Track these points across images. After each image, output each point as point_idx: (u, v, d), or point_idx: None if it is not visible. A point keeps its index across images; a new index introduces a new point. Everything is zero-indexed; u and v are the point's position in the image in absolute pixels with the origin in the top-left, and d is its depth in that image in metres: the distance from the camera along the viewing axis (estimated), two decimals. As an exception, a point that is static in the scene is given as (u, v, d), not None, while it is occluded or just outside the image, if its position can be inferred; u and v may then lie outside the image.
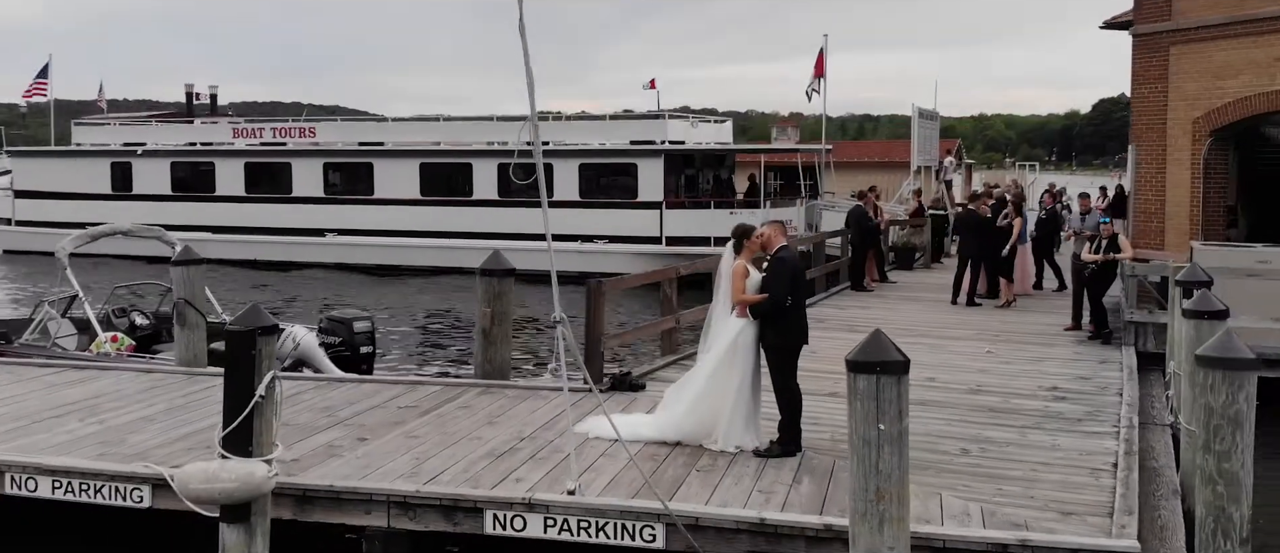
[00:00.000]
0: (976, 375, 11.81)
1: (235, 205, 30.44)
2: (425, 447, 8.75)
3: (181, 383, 11.27)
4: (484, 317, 11.61)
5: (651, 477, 7.72)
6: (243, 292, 25.65)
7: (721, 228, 26.14)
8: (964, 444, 8.93)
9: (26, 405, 10.16)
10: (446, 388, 11.11)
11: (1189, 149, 17.27)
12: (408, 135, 30.06)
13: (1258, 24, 16.15)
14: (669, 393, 9.31)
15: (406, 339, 21.23)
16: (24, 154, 35.21)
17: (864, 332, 13.38)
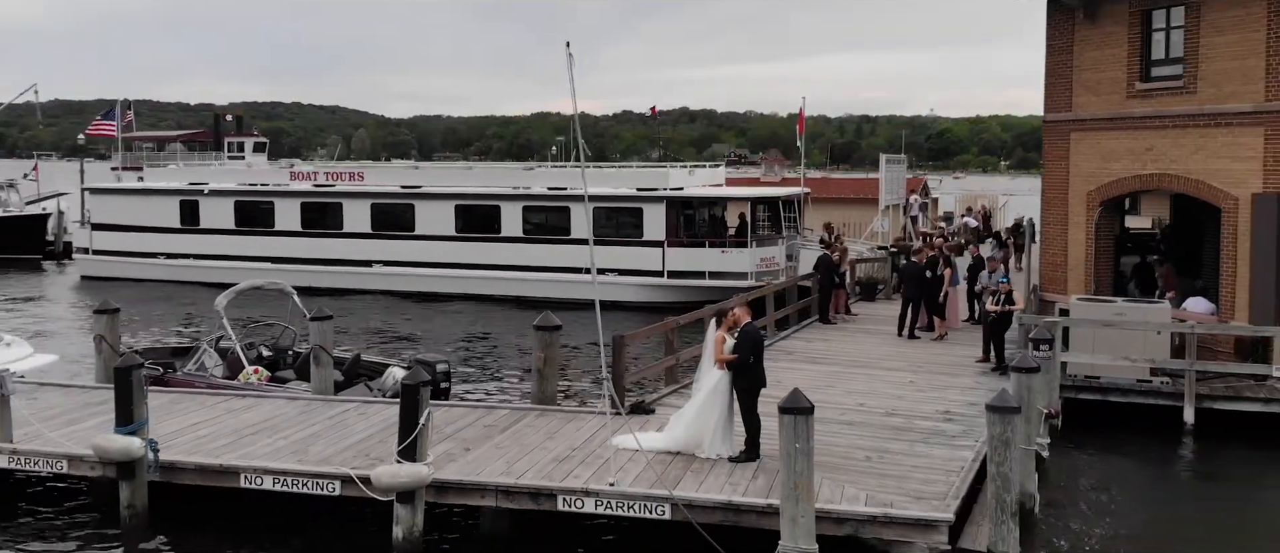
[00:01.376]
0: (893, 401, 16.24)
1: (292, 239, 34.94)
2: (510, 454, 13.17)
3: (323, 408, 15.67)
4: (538, 359, 16.01)
5: (661, 474, 12.13)
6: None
7: (715, 263, 30.70)
8: (868, 453, 13.35)
9: (226, 425, 14.55)
10: (513, 412, 15.53)
11: (1085, 215, 21.70)
12: (444, 180, 34.61)
13: (1132, 121, 20.58)
14: (672, 419, 13.69)
15: (455, 362, 25.61)
16: (100, 191, 39.64)
17: (824, 363, 18.33)
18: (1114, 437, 17.36)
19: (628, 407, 15.00)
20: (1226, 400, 17.56)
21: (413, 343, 27.05)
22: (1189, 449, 17.11)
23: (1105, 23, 20.98)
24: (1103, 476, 15.79)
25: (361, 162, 78.86)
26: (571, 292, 31.05)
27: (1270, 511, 14.87)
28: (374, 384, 17.43)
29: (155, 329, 29.34)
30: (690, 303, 27.87)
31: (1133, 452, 16.94)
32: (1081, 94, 21.66)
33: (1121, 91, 20.78)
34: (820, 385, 16.55)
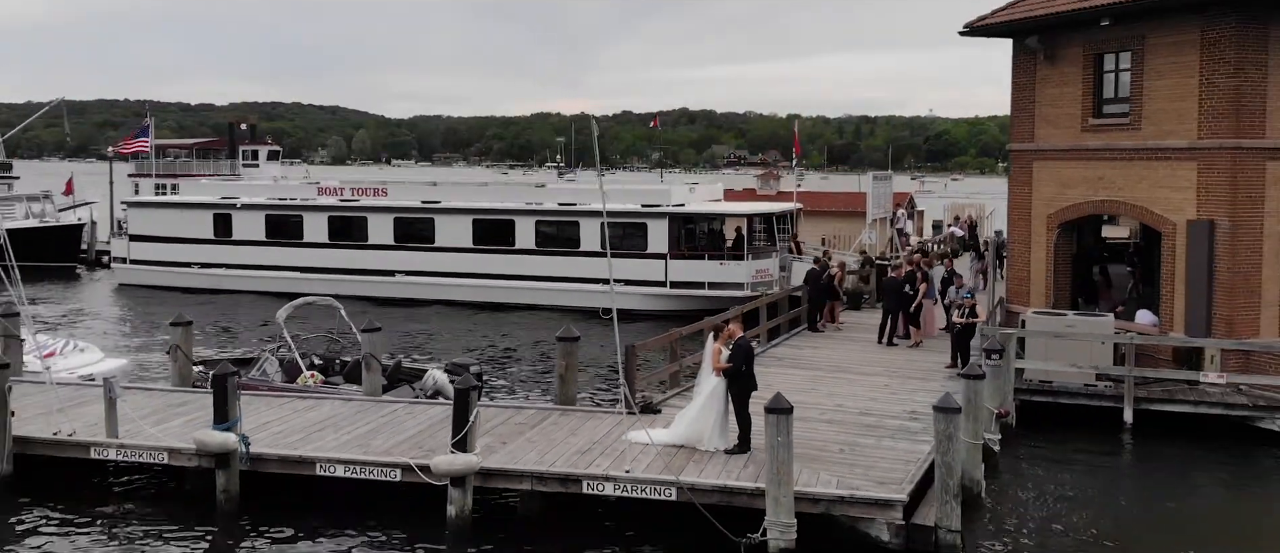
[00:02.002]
0: (867, 402, 18.70)
1: (319, 250, 37.40)
2: (540, 446, 15.62)
3: (375, 408, 18.11)
4: (560, 366, 18.45)
5: (668, 463, 14.58)
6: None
7: (713, 274, 33.19)
8: (841, 446, 15.81)
9: (294, 423, 16.98)
10: (539, 411, 17.99)
11: (1045, 235, 24.16)
12: (462, 196, 37.09)
13: (1086, 152, 23.04)
14: (676, 417, 16.12)
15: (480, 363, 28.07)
16: (138, 205, 42.08)
17: (809, 368, 20.91)
18: (1063, 434, 19.83)
19: (638, 407, 17.44)
20: (1161, 403, 20.04)
21: (437, 348, 29.50)
22: (1127, 445, 19.58)
23: (1063, 64, 23.45)
24: (1050, 467, 18.28)
25: (384, 178, 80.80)
26: (580, 300, 33.58)
27: (1196, 498, 17.30)
28: (415, 386, 19.88)
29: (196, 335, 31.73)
30: (691, 311, 30.42)
31: (1078, 447, 19.39)
32: (1042, 126, 24.13)
33: (1077, 125, 23.25)
34: (804, 388, 19.02)
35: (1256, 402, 19.68)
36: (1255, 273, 20.61)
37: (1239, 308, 20.61)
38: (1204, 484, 17.87)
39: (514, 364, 27.66)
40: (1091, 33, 22.55)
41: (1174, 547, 14.92)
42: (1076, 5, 22.52)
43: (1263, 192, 20.51)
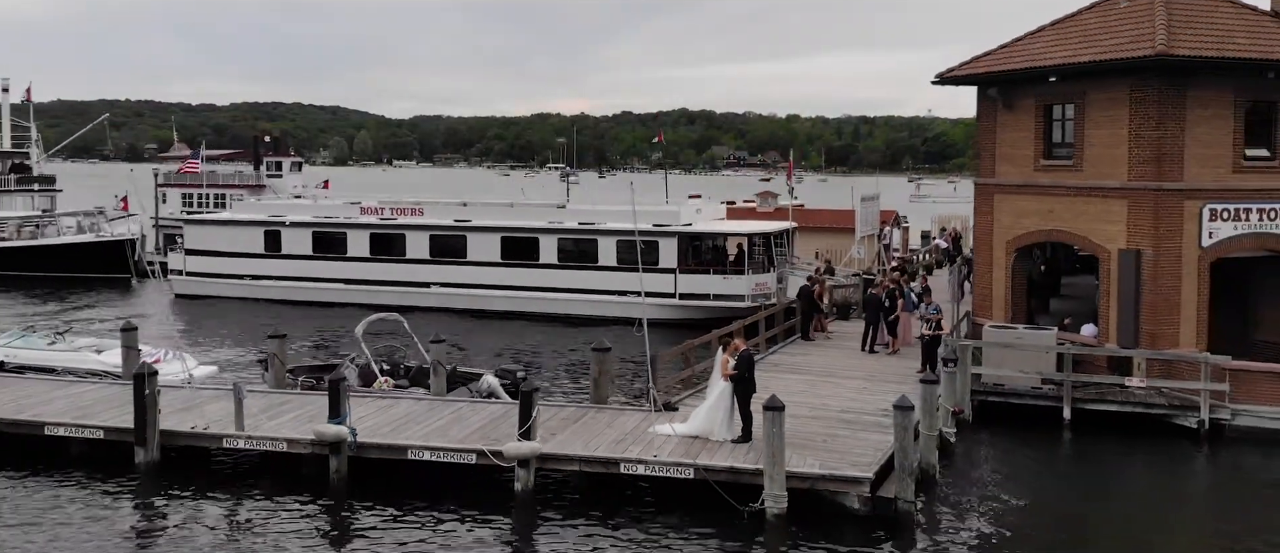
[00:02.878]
0: (849, 401, 22.62)
1: (361, 264, 41.34)
2: (584, 436, 19.52)
3: (443, 406, 22.00)
4: (595, 372, 22.35)
5: (687, 449, 18.50)
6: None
7: (717, 287, 37.12)
8: (825, 437, 19.72)
9: (379, 419, 20.80)
10: (578, 408, 21.90)
11: (1005, 259, 28.09)
12: (491, 216, 41.04)
13: (1038, 188, 26.95)
14: (692, 414, 19.98)
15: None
16: (193, 222, 46.01)
17: (801, 373, 25.13)
18: (1011, 428, 23.73)
19: (661, 406, 21.37)
20: (1095, 403, 23.96)
21: (474, 354, 33.40)
22: (1065, 438, 23.49)
23: (1019, 112, 27.38)
24: (998, 454, 22.23)
25: (387, 179, 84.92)
26: (597, 309, 37.59)
27: (1120, 480, 21.18)
28: (472, 388, 23.77)
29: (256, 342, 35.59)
30: (697, 320, 34.39)
31: (1023, 439, 23.29)
32: (1002, 164, 28.08)
33: (1030, 165, 27.18)
34: (796, 390, 22.92)
35: (1173, 402, 23.61)
36: (1175, 294, 24.54)
37: (1161, 324, 24.55)
38: (1128, 469, 21.82)
39: (544, 368, 31.55)
40: (1041, 87, 26.49)
41: (1099, 518, 18.87)
42: (1029, 64, 26.51)
43: (1181, 226, 24.44)
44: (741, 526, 17.20)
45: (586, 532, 17.25)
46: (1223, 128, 24.60)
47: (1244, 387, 23.20)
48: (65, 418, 20.86)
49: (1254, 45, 24.70)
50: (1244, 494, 20.85)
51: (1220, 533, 18.64)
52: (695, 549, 16.60)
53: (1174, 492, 21.18)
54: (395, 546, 16.74)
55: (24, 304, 44.65)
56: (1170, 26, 24.27)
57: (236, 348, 34.32)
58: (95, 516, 18.06)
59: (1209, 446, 22.90)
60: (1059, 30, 27.54)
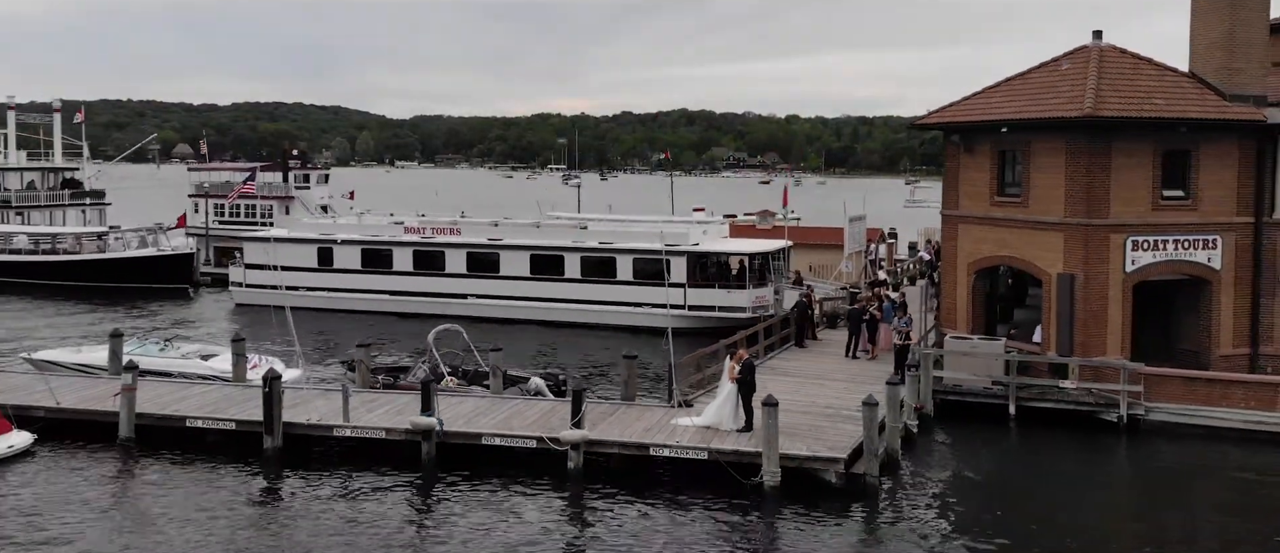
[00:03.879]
0: (832, 399, 27.72)
1: (406, 277, 46.45)
2: (619, 426, 24.62)
3: (502, 403, 27.09)
4: (624, 375, 27.46)
5: (702, 436, 23.63)
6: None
7: (722, 300, 42.19)
8: (811, 427, 24.83)
9: (453, 412, 25.85)
10: (611, 404, 26.99)
11: (966, 279, 33.19)
12: (520, 235, 46.15)
13: (992, 220, 32.04)
14: (706, 408, 25.08)
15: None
16: (254, 239, 51.10)
17: (794, 376, 30.94)
18: (966, 421, 28.83)
19: (680, 403, 26.49)
20: (1036, 401, 29.06)
21: (512, 357, 38.47)
22: (1011, 429, 28.60)
23: (978, 155, 32.50)
24: (953, 443, 27.34)
25: (393, 181, 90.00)
26: (616, 318, 42.69)
27: (1053, 465, 26.22)
28: (522, 388, 28.85)
29: (318, 347, 40.65)
30: (705, 329, 39.45)
31: (975, 430, 28.37)
32: (964, 198, 33.20)
33: (986, 200, 32.30)
34: (789, 390, 27.96)
35: (1099, 401, 28.71)
36: (1102, 312, 29.66)
37: (1091, 335, 29.66)
38: (1061, 456, 26.92)
39: (571, 370, 36.66)
40: (996, 136, 31.61)
41: (1035, 494, 24.01)
42: (985, 117, 31.67)
43: (1107, 255, 29.55)
44: (744, 496, 22.32)
45: (624, 501, 22.35)
46: (1143, 173, 29.72)
47: (1155, 388, 28.33)
48: (201, 413, 25.98)
49: (1170, 104, 29.83)
50: (1152, 477, 25.95)
51: (1132, 506, 23.87)
52: (708, 515, 21.71)
53: (1097, 474, 26.22)
54: (477, 511, 21.83)
55: (95, 312, 49.71)
56: (1098, 90, 29.37)
57: (297, 349, 39.31)
58: (235, 490, 23.15)
59: (1127, 437, 27.99)
60: (1011, 87, 32.69)
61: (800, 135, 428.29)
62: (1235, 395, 27.93)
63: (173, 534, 20.51)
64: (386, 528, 20.99)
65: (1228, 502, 23.80)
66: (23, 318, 48.24)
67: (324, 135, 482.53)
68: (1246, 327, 31.08)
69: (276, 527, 21.09)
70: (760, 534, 20.87)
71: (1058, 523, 21.96)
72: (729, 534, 20.73)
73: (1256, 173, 30.72)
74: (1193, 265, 30.47)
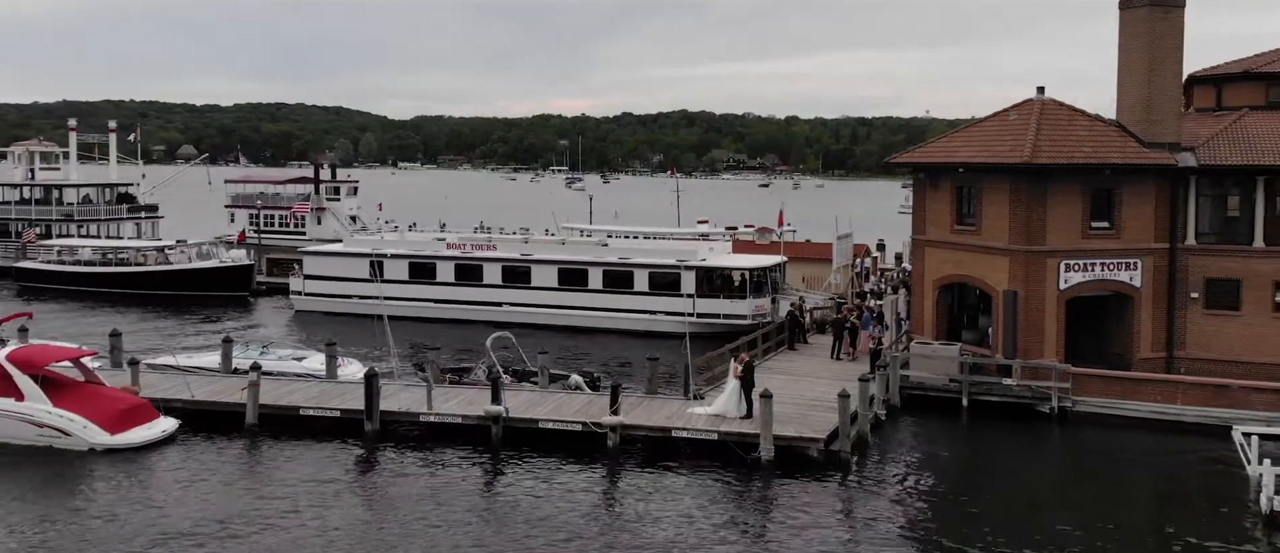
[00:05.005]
0: (818, 393, 34.09)
1: (448, 287, 52.84)
2: (646, 413, 31.02)
3: (550, 396, 33.46)
4: (650, 373, 33.89)
5: (712, 422, 30.03)
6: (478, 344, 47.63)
7: (726, 309, 48.58)
8: (799, 414, 31.20)
9: (516, 402, 32.21)
10: (638, 397, 33.38)
11: (932, 293, 39.61)
12: (548, 251, 52.53)
13: (952, 244, 38.46)
14: (715, 400, 31.50)
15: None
16: (313, 253, 57.48)
17: (788, 374, 38.31)
18: (926, 412, 35.22)
19: (694, 395, 32.89)
20: (985, 395, 35.46)
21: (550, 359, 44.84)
22: (963, 419, 35.00)
23: (940, 190, 38.90)
24: (915, 428, 33.75)
25: (399, 182, 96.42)
26: (633, 325, 49.06)
27: (997, 446, 32.59)
28: (564, 384, 35.21)
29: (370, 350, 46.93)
30: (711, 333, 45.80)
31: (935, 419, 34.75)
32: (929, 226, 39.60)
33: (948, 227, 38.70)
34: (782, 385, 34.28)
35: (1036, 394, 35.08)
36: (1040, 322, 36.06)
37: (1031, 341, 36.06)
38: (1003, 439, 33.32)
39: (598, 367, 43.10)
40: (954, 174, 38.03)
41: (979, 468, 30.46)
42: (946, 159, 38.08)
43: (1044, 275, 35.96)
44: (746, 467, 28.73)
45: (652, 471, 28.73)
46: (1074, 208, 36.13)
47: (1081, 385, 34.76)
48: (310, 404, 32.40)
49: (1097, 151, 36.25)
50: (1077, 456, 32.30)
51: (1059, 479, 30.29)
52: (718, 481, 28.07)
53: (1032, 454, 32.61)
54: (537, 479, 28.19)
55: (167, 319, 56.08)
56: (1036, 140, 35.79)
57: (391, 348, 45.73)
58: (345, 464, 29.48)
59: (1058, 425, 34.39)
60: (969, 133, 39.15)
61: (800, 137, 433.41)
62: (1144, 391, 34.39)
63: (301, 493, 26.85)
64: (467, 490, 27.36)
65: (1137, 476, 30.12)
66: (110, 325, 54.53)
67: (327, 136, 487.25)
68: (1163, 334, 37.48)
69: (379, 490, 27.47)
70: (758, 496, 27.26)
71: (998, 491, 28.42)
72: (734, 496, 27.14)
73: (1171, 207, 37.15)
74: (1117, 283, 36.88)
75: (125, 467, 28.82)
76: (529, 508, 26.03)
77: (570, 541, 23.89)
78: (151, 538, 23.84)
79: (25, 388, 30.03)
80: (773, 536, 24.47)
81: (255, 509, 25.80)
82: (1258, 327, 36.65)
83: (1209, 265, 37.07)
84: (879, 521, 25.56)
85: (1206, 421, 33.18)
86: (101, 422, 29.74)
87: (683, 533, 24.40)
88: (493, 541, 23.86)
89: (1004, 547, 23.83)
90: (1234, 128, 38.28)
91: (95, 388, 31.37)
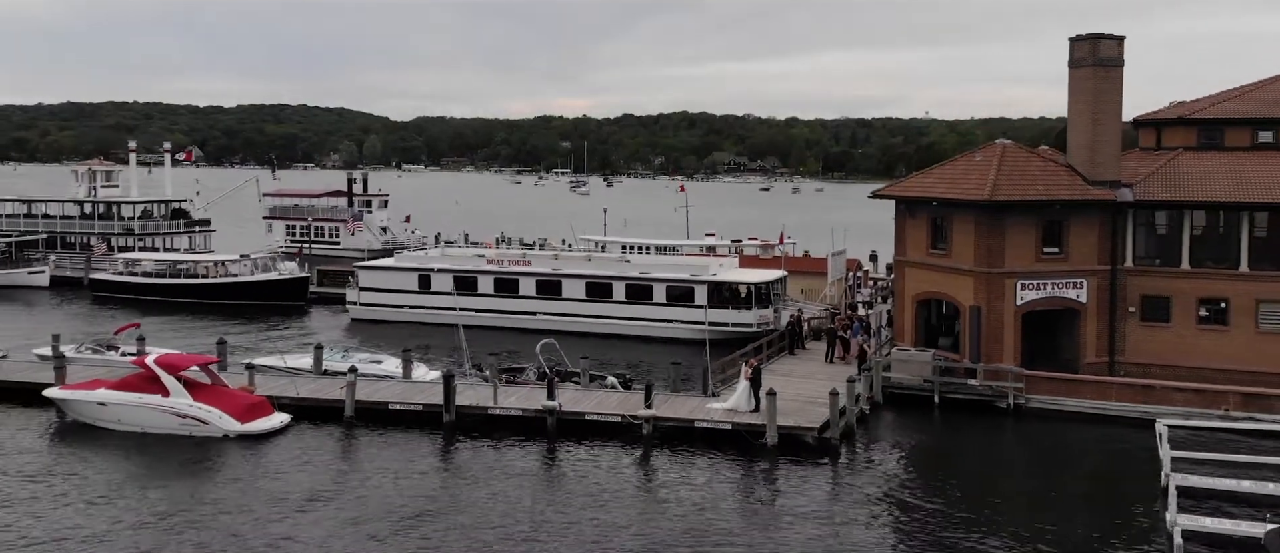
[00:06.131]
0: (813, 390, 41.00)
1: (488, 298, 59.78)
2: (672, 407, 37.97)
3: (593, 393, 40.42)
4: (673, 374, 40.88)
5: (727, 414, 37.03)
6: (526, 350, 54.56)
7: (733, 318, 55.57)
8: (798, 408, 38.17)
9: (565, 398, 39.19)
10: (666, 394, 40.35)
11: (911, 306, 46.60)
12: (577, 266, 59.53)
13: (928, 265, 45.43)
14: (729, 397, 38.44)
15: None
16: (367, 268, 64.51)
17: (788, 375, 46.26)
18: (904, 407, 42.16)
19: (711, 393, 39.86)
20: (953, 393, 42.44)
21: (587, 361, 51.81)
22: (935, 413, 41.96)
23: (918, 219, 45.89)
24: (894, 421, 40.74)
25: (405, 184, 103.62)
26: (652, 332, 56.05)
27: (963, 435, 39.60)
28: (603, 383, 42.12)
29: (425, 351, 53.90)
30: (722, 339, 52.77)
31: (910, 413, 41.69)
32: (908, 249, 46.58)
33: (924, 251, 45.69)
34: (783, 384, 41.12)
35: (996, 393, 42.05)
36: (1000, 331, 43.02)
37: (992, 348, 43.03)
38: (968, 429, 40.29)
39: (627, 370, 50.08)
40: (930, 207, 45.02)
41: (946, 451, 37.48)
42: (922, 194, 45.09)
43: (1003, 293, 42.91)
44: (754, 451, 35.70)
45: (677, 454, 35.69)
46: (1029, 236, 43.08)
47: (1033, 385, 41.73)
48: (396, 399, 39.36)
49: (1048, 189, 43.21)
50: (1028, 443, 39.24)
51: (1013, 461, 37.31)
52: (732, 462, 35.03)
53: (992, 442, 39.53)
54: (586, 460, 35.15)
55: (233, 326, 63.04)
56: (996, 180, 42.74)
57: (464, 350, 52.68)
58: (429, 448, 36.42)
59: (1013, 418, 41.36)
60: (943, 171, 46.15)
61: (800, 140, 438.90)
62: (1084, 390, 41.38)
63: (397, 468, 33.79)
64: (529, 468, 34.32)
65: (1075, 459, 37.05)
66: (190, 334, 61.53)
67: (330, 138, 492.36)
68: (1106, 343, 44.43)
69: (460, 468, 34.44)
70: (764, 474, 34.22)
71: (962, 471, 35.36)
72: (745, 473, 34.12)
73: (1111, 235, 44.09)
74: (1066, 300, 43.85)
75: (253, 451, 35.78)
76: (580, 481, 32.98)
77: (614, 504, 30.83)
78: (276, 500, 30.81)
79: (170, 386, 36.97)
80: (777, 504, 31.44)
81: (360, 482, 32.76)
82: (1186, 336, 43.62)
83: (1144, 284, 44.01)
84: (862, 494, 32.52)
85: (1136, 415, 40.08)
86: (232, 413, 36.69)
87: (706, 498, 31.38)
88: (552, 505, 30.79)
89: (965, 514, 30.69)
90: (1167, 167, 45.27)
91: (223, 387, 38.31)
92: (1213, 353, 42.77)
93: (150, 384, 37.19)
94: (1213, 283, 43.28)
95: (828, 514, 30.54)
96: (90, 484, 32.27)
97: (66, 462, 34.58)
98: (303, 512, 30.09)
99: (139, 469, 33.75)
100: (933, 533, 29.05)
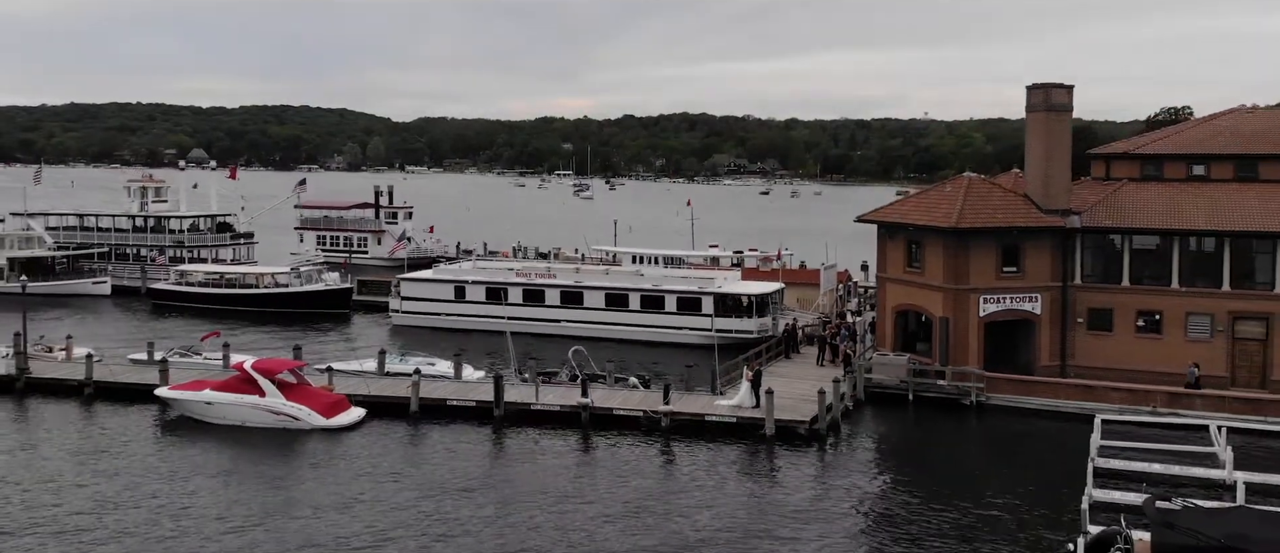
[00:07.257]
0: (806, 389, 48.16)
1: (518, 307, 66.76)
2: (686, 404, 45.11)
3: (619, 391, 47.55)
4: (686, 376, 48.05)
5: (732, 409, 44.19)
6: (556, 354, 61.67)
7: (736, 326, 62.75)
8: (792, 404, 45.35)
9: (595, 396, 46.33)
10: (679, 392, 47.49)
11: (891, 317, 53.77)
12: (596, 279, 66.67)
13: (905, 281, 52.60)
14: (734, 394, 45.59)
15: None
16: (407, 279, 71.67)
17: (784, 376, 54.12)
18: (883, 404, 49.30)
19: (718, 391, 47.02)
20: (925, 392, 49.60)
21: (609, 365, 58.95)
22: (909, 409, 49.15)
23: (897, 240, 53.08)
24: (874, 415, 47.92)
25: (411, 185, 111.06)
26: (665, 338, 63.25)
27: (932, 427, 46.79)
28: (625, 383, 49.24)
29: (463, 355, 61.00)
30: (726, 344, 60.03)
31: (889, 409, 48.83)
32: (888, 266, 53.76)
33: (902, 269, 52.87)
34: (780, 384, 48.23)
35: (961, 392, 49.20)
36: (966, 339, 50.17)
37: (959, 353, 50.18)
38: (939, 423, 47.44)
39: (642, 371, 57.21)
40: (906, 231, 52.21)
41: (917, 440, 44.75)
42: (899, 220, 52.30)
43: (968, 306, 50.08)
44: (755, 441, 42.86)
45: (691, 443, 42.83)
46: (990, 258, 50.25)
47: (993, 385, 48.92)
48: (452, 396, 46.52)
49: (1006, 217, 50.36)
50: (988, 434, 46.41)
51: (974, 449, 44.53)
52: (736, 450, 42.15)
53: (957, 433, 46.67)
54: (615, 447, 42.29)
55: (286, 332, 70.14)
56: (962, 208, 49.89)
57: (511, 353, 59.75)
58: (481, 438, 43.56)
59: (976, 413, 48.52)
60: (918, 200, 53.37)
61: (799, 142, 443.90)
62: (1037, 389, 48.57)
63: (460, 451, 40.96)
64: (568, 449, 41.50)
65: (1027, 448, 44.16)
66: (254, 339, 68.60)
67: (333, 139, 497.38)
68: (1058, 349, 51.58)
69: (510, 453, 41.58)
70: (763, 459, 41.38)
71: (931, 458, 42.54)
72: (747, 459, 41.28)
73: (1063, 256, 51.24)
74: (1023, 312, 51.02)
75: (337, 442, 42.93)
76: (610, 462, 40.16)
77: (636, 479, 37.98)
78: (357, 477, 37.97)
79: (266, 387, 44.09)
80: (775, 482, 38.61)
81: (432, 465, 39.89)
82: (1126, 344, 50.78)
83: (1091, 299, 51.17)
84: (845, 475, 39.70)
85: (1081, 411, 47.18)
86: (319, 410, 43.83)
87: (715, 479, 38.56)
88: (590, 480, 37.95)
89: (930, 491, 37.81)
90: (1112, 197, 52.45)
91: (308, 387, 45.46)
92: (1149, 358, 49.92)
93: (247, 386, 44.27)
94: (1149, 298, 50.43)
95: (815, 492, 37.65)
96: (211, 463, 39.43)
97: (183, 449, 41.73)
98: (383, 484, 37.34)
99: (246, 455, 40.91)
100: (903, 507, 36.14)
